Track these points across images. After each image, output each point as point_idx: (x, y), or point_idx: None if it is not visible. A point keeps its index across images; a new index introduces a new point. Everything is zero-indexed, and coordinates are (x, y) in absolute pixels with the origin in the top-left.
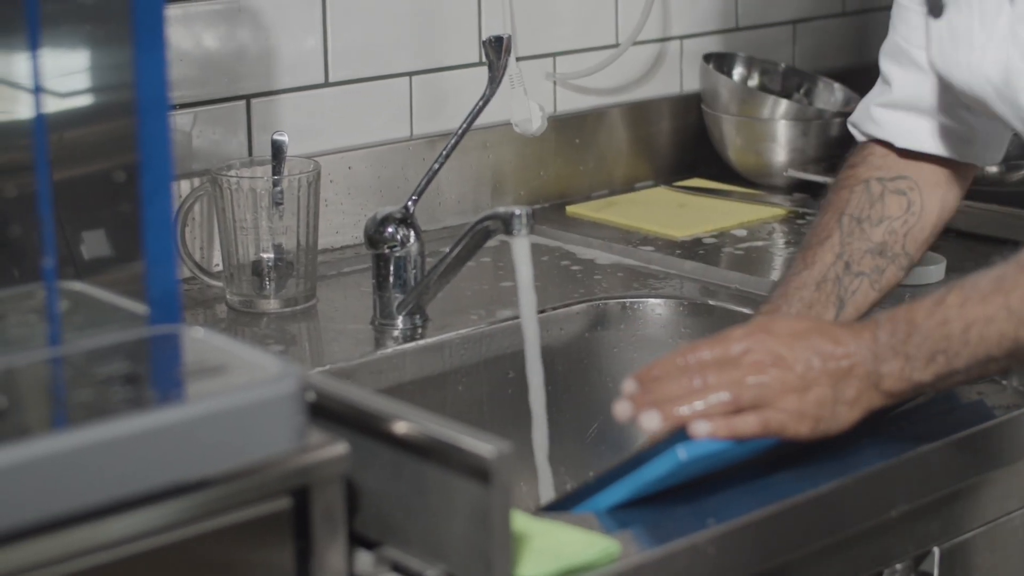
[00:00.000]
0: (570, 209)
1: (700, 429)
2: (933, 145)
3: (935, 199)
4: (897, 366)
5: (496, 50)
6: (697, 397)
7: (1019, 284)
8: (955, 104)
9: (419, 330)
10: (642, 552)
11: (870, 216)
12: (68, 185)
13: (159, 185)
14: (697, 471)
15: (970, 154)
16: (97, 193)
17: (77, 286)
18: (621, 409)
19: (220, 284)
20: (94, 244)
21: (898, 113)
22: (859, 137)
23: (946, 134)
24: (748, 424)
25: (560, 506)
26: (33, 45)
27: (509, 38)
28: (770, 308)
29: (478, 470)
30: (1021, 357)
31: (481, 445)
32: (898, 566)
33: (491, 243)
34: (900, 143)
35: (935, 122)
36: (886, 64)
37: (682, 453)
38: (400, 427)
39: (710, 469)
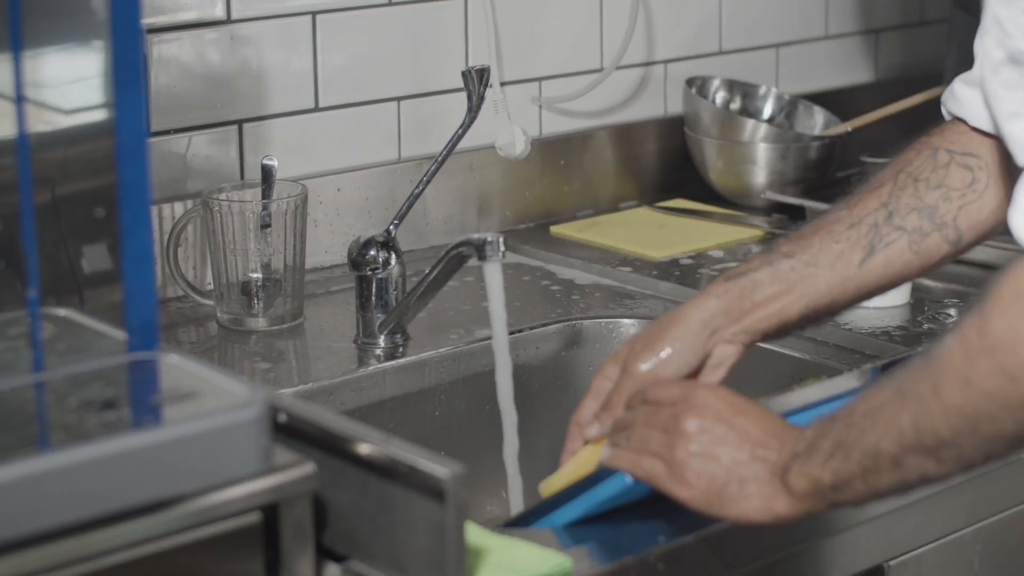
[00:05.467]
0: (554, 229)
1: (604, 454)
2: None
3: (1001, 186)
4: (801, 460)
5: (475, 80)
6: (626, 427)
7: (915, 366)
8: None
9: (400, 349)
10: (594, 567)
11: (929, 179)
12: (71, 199)
13: (137, 221)
14: (647, 491)
15: None
16: (98, 208)
17: (62, 312)
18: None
19: (211, 303)
20: (95, 258)
21: (977, 90)
22: (945, 116)
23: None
24: (646, 468)
25: (519, 522)
26: (16, 59)
27: (488, 69)
28: (790, 243)
29: (434, 490)
30: (918, 462)
31: (436, 467)
32: None
33: (474, 262)
34: (972, 122)
35: None
36: (977, 41)
37: (629, 477)
38: (364, 448)
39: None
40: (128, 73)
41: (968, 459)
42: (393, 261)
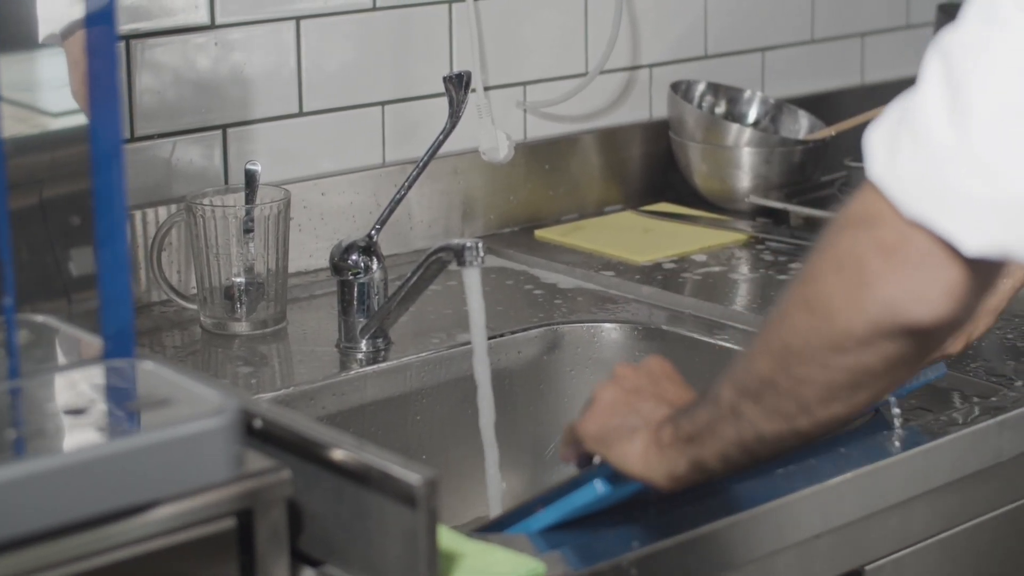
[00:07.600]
0: (538, 233)
1: None
2: None
3: None
4: (678, 413)
5: (456, 86)
6: None
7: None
8: None
9: (381, 353)
10: (568, 572)
11: None
12: (57, 203)
13: (113, 229)
14: (617, 499)
15: None
16: (74, 215)
17: (40, 318)
18: None
19: (195, 307)
20: (82, 262)
21: None
22: None
23: None
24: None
25: (494, 527)
26: None
27: (469, 74)
28: None
29: (406, 496)
30: (748, 410)
31: (408, 473)
32: None
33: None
34: None
35: None
36: None
37: (599, 487)
38: (338, 454)
39: (630, 498)
40: (102, 82)
41: (786, 411)
42: (375, 266)
